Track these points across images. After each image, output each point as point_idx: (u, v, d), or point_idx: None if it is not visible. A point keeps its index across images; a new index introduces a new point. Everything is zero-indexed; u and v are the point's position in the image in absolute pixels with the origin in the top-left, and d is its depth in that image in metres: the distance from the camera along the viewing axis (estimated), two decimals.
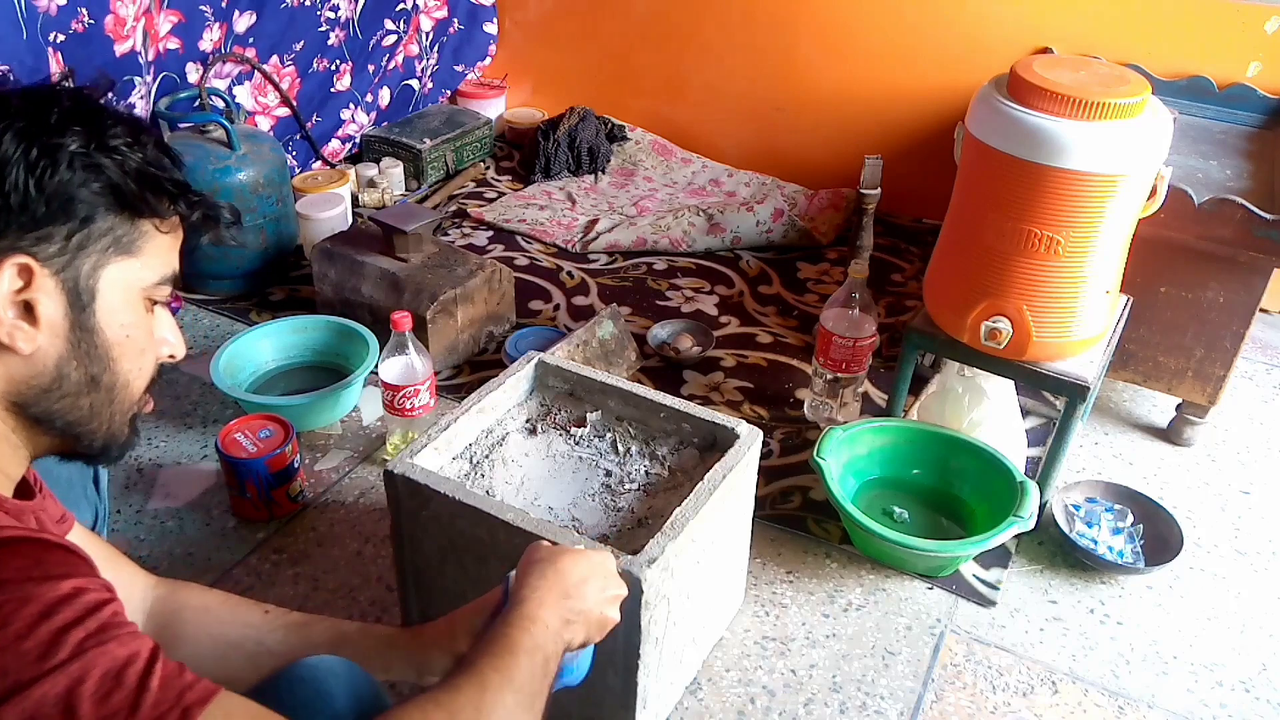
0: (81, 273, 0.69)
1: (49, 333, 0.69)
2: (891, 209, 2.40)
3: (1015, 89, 1.29)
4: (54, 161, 0.66)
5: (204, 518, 1.52)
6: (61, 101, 0.68)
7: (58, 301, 0.68)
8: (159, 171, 0.71)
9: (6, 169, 0.64)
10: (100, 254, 0.69)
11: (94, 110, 0.70)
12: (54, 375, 0.70)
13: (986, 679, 1.31)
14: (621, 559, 1.04)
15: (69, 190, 0.67)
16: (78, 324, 0.70)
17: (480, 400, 1.30)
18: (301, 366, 1.82)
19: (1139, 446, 1.76)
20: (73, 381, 0.71)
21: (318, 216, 2.16)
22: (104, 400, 0.74)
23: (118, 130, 0.69)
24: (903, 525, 1.48)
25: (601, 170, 2.67)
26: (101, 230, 0.69)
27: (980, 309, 1.38)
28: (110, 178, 0.68)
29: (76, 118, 0.68)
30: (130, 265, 0.71)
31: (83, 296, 0.69)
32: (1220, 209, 1.50)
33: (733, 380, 1.87)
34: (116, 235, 0.70)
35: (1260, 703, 1.30)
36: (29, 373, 0.69)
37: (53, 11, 1.69)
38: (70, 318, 0.69)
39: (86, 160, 0.67)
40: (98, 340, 0.71)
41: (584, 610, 0.86)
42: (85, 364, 0.71)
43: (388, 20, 2.56)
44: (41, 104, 0.67)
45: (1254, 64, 2.00)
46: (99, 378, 0.73)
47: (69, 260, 0.68)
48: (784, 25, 2.48)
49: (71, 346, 0.70)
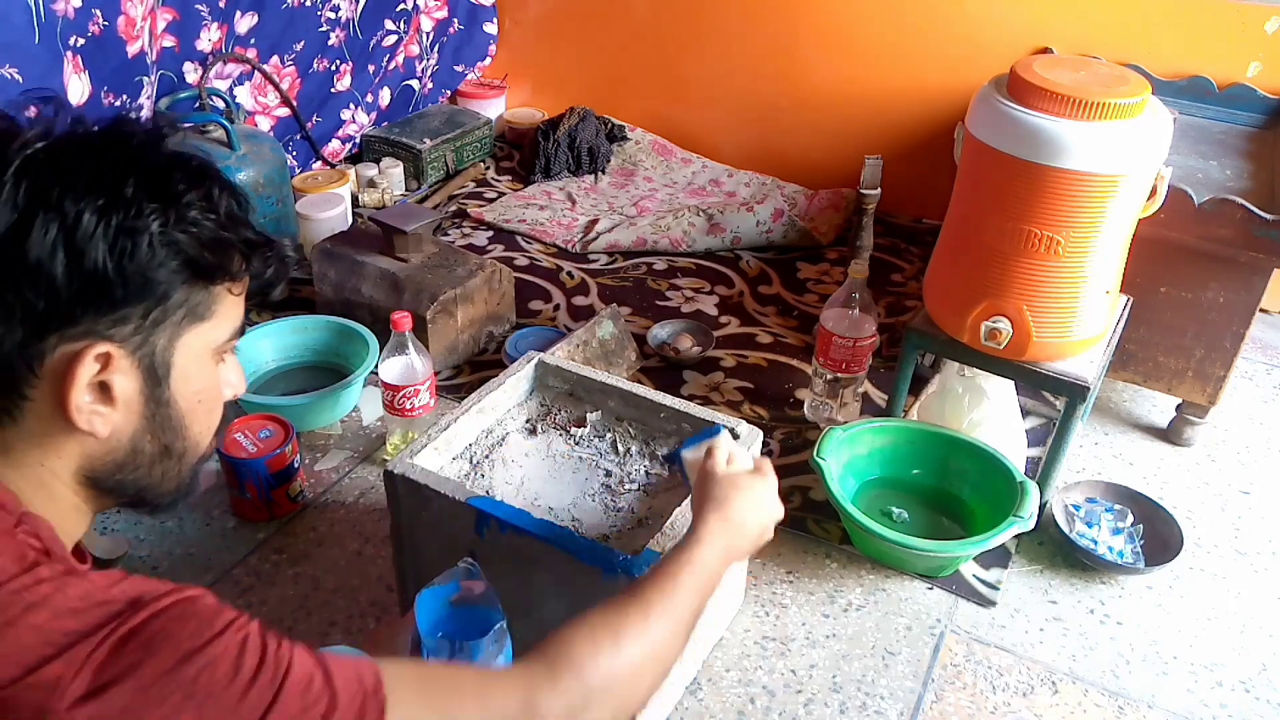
0: (157, 348, 0.67)
1: (124, 411, 0.67)
2: (891, 209, 2.40)
3: (1015, 89, 1.29)
4: (134, 243, 0.62)
5: (204, 518, 1.52)
6: (133, 164, 0.64)
7: (134, 380, 0.67)
8: (233, 235, 0.68)
9: (86, 253, 0.61)
10: (175, 326, 0.67)
11: (166, 171, 0.66)
12: (129, 450, 0.69)
13: (986, 679, 1.31)
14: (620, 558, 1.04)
15: (148, 271, 0.64)
16: (153, 398, 0.69)
17: (480, 400, 1.30)
18: (301, 366, 1.82)
19: (1139, 446, 1.76)
20: (147, 455, 0.71)
21: (318, 216, 2.16)
22: (175, 465, 0.73)
23: (191, 197, 0.65)
24: (902, 525, 1.48)
25: (601, 170, 2.67)
26: (177, 303, 0.67)
27: (980, 309, 1.38)
28: (188, 254, 0.65)
29: (151, 187, 0.64)
30: (203, 330, 0.70)
31: (158, 371, 0.68)
32: (1220, 209, 1.50)
33: (733, 380, 1.87)
34: (191, 305, 0.68)
35: (1260, 703, 1.30)
36: (104, 450, 0.68)
37: (70, 15, 1.69)
38: (145, 393, 0.68)
39: (166, 239, 0.64)
40: (171, 412, 0.70)
41: (744, 547, 0.98)
42: (160, 436, 0.71)
43: (388, 20, 2.56)
44: (111, 169, 0.63)
45: (1254, 64, 2.00)
46: (172, 446, 0.72)
47: (144, 338, 0.66)
48: (784, 25, 2.48)
49: (146, 420, 0.69)
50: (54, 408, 0.64)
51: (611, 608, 0.81)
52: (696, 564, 0.89)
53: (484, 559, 1.14)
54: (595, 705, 0.74)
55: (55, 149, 0.63)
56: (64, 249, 0.60)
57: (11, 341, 0.61)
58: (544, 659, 0.75)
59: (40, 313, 0.61)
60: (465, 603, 0.99)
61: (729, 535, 0.94)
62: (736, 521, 0.96)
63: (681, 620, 0.85)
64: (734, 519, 0.96)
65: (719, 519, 0.95)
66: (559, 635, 0.77)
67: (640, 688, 0.80)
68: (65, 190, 0.61)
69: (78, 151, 0.63)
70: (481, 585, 1.00)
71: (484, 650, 0.95)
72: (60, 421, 0.65)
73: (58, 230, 0.60)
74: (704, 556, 0.90)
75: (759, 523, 0.99)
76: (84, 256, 0.61)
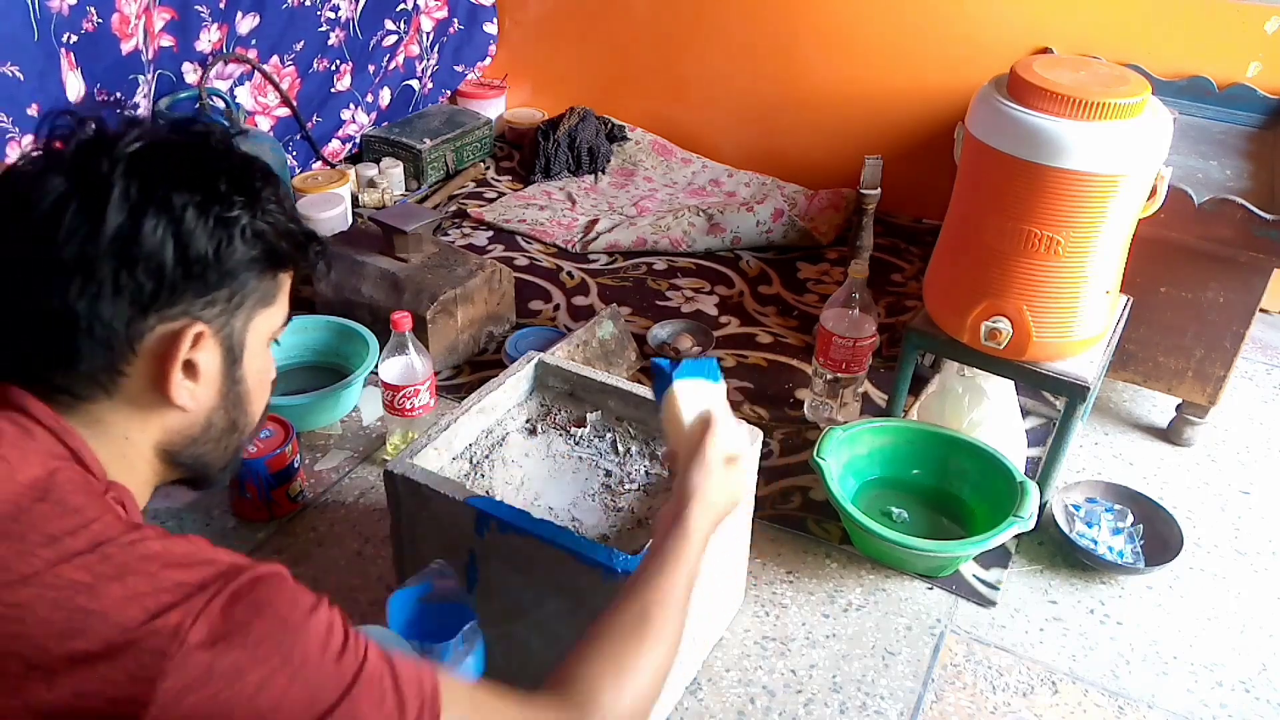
0: (235, 329, 0.74)
1: (206, 387, 0.74)
2: (891, 209, 2.40)
3: (1015, 89, 1.29)
4: (229, 234, 0.70)
5: (204, 518, 1.52)
6: (221, 164, 0.72)
7: (216, 358, 0.74)
8: (298, 227, 0.77)
9: (192, 243, 0.68)
10: (250, 310, 0.75)
11: (245, 170, 0.73)
12: (204, 425, 0.77)
13: (986, 679, 1.31)
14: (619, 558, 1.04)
15: (238, 258, 0.71)
16: (230, 376, 0.76)
17: (480, 400, 1.30)
18: (301, 366, 1.82)
19: (1139, 446, 1.76)
20: (218, 429, 0.78)
21: (318, 216, 2.16)
22: (236, 439, 0.81)
23: (268, 193, 0.73)
24: (902, 525, 1.48)
25: (601, 170, 2.67)
26: (253, 289, 0.74)
27: (980, 309, 1.38)
28: (269, 243, 0.73)
29: (238, 185, 0.71)
30: (269, 314, 0.78)
31: (235, 350, 0.75)
32: (1220, 209, 1.50)
33: (733, 380, 1.87)
34: (263, 291, 0.76)
35: (1260, 703, 1.30)
36: (184, 424, 0.75)
37: (65, 12, 1.69)
38: (224, 371, 0.75)
39: (254, 229, 0.72)
40: (242, 389, 0.78)
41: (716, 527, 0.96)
42: (230, 411, 0.78)
43: (388, 20, 2.56)
44: (205, 168, 0.71)
45: (1254, 64, 2.00)
46: (238, 421, 0.80)
47: (227, 319, 0.73)
48: (784, 25, 2.48)
49: (221, 397, 0.77)
50: (147, 383, 0.71)
51: (619, 627, 0.83)
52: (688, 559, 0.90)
53: (484, 559, 1.15)
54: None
55: (153, 149, 0.69)
56: (173, 238, 0.68)
57: (120, 320, 0.68)
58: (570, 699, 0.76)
59: (148, 294, 0.68)
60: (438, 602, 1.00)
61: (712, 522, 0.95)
62: (722, 512, 0.97)
63: (681, 624, 0.87)
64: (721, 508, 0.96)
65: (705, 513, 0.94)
66: (580, 670, 0.79)
67: (654, 702, 0.82)
68: (170, 186, 0.68)
69: (173, 152, 0.71)
70: (453, 584, 1.00)
71: (453, 652, 0.96)
72: (151, 395, 0.72)
73: (168, 222, 0.67)
74: (693, 552, 0.91)
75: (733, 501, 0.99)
76: (190, 245, 0.68)
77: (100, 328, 0.67)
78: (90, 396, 0.70)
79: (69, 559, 0.60)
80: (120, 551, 0.61)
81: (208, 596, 0.60)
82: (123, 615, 0.58)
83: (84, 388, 0.70)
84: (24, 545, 0.60)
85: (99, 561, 0.60)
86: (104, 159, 0.67)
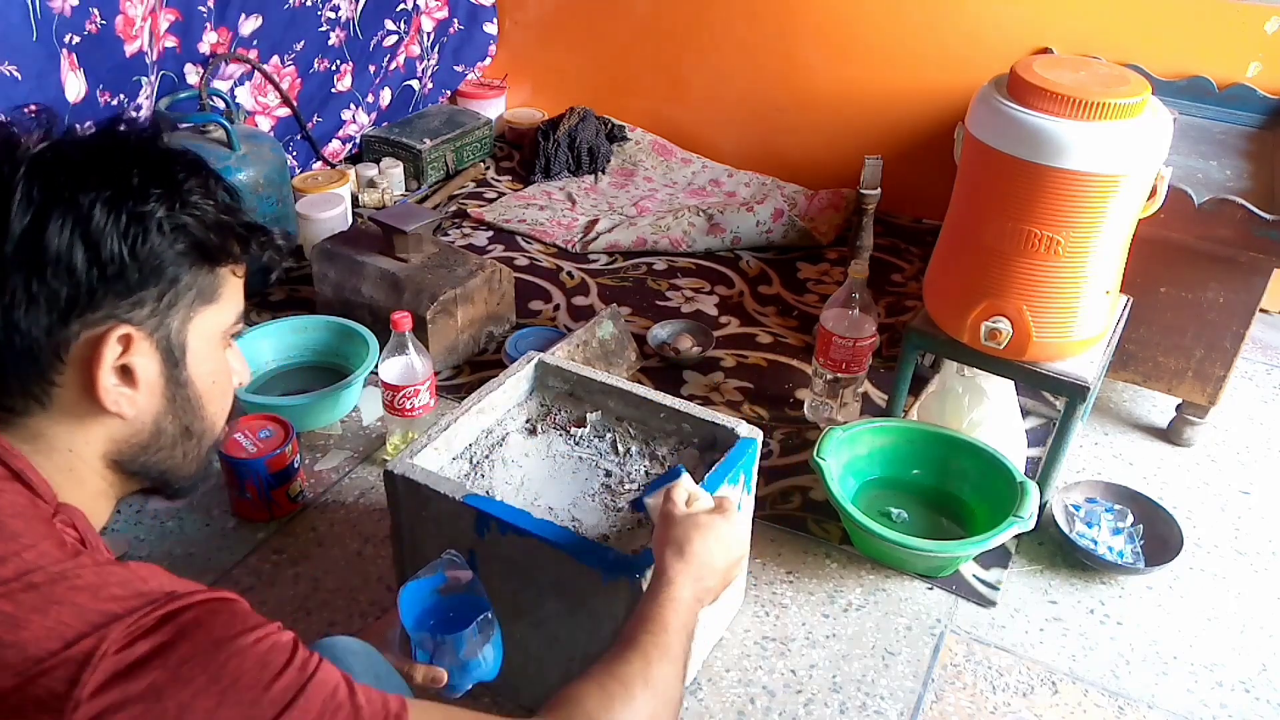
0: (172, 330, 0.71)
1: (146, 393, 0.71)
2: (891, 209, 2.40)
3: (1015, 89, 1.29)
4: (144, 229, 0.66)
5: (204, 518, 1.52)
6: (135, 158, 0.68)
7: (153, 361, 0.70)
8: (233, 219, 0.72)
9: (102, 242, 0.65)
10: (187, 308, 0.71)
11: (165, 163, 0.70)
12: (152, 431, 0.73)
13: (986, 679, 1.31)
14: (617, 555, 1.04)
15: (159, 254, 0.67)
16: (172, 379, 0.72)
17: (480, 400, 1.30)
18: (301, 366, 1.82)
19: (1139, 446, 1.76)
20: (169, 435, 0.74)
21: (318, 216, 2.16)
22: (195, 446, 0.77)
23: (191, 184, 0.69)
24: (902, 525, 1.48)
25: (601, 170, 2.67)
26: (187, 285, 0.70)
27: (980, 309, 1.38)
28: (195, 236, 0.69)
29: (154, 177, 0.68)
30: (212, 312, 0.73)
31: (175, 353, 0.71)
32: (1220, 209, 1.50)
33: (733, 380, 1.87)
34: (200, 287, 0.71)
35: (1260, 703, 1.30)
36: (129, 432, 0.72)
37: (67, 13, 1.69)
38: (165, 375, 0.71)
39: (173, 223, 0.68)
40: (190, 392, 0.74)
41: (713, 586, 0.96)
42: (180, 417, 0.74)
43: (388, 21, 2.56)
44: (115, 163, 0.67)
45: (1254, 64, 2.00)
46: (192, 427, 0.75)
47: (160, 320, 0.69)
48: (784, 25, 2.48)
49: (167, 402, 0.73)
50: (81, 392, 0.68)
51: (612, 661, 0.82)
52: (676, 602, 0.89)
53: (484, 559, 1.14)
54: None
55: (59, 149, 0.66)
56: (81, 239, 0.64)
57: (39, 329, 0.65)
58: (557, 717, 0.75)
59: (64, 300, 0.64)
60: (452, 592, 1.00)
61: (693, 575, 0.93)
62: (699, 561, 0.94)
63: (678, 659, 0.85)
64: (696, 559, 0.94)
65: (679, 561, 0.93)
66: (570, 693, 0.77)
67: None
68: (75, 185, 0.64)
69: (80, 150, 0.67)
70: (468, 574, 1.00)
71: (467, 642, 0.95)
72: (87, 404, 0.68)
73: (73, 222, 0.64)
74: (679, 595, 0.90)
75: (724, 558, 0.97)
76: (100, 244, 0.65)
77: (20, 339, 0.64)
78: (26, 410, 0.68)
79: None
80: (49, 582, 0.58)
81: (130, 624, 0.57)
82: (38, 647, 0.55)
83: (17, 402, 0.67)
84: None
85: (23, 591, 0.58)
86: (4, 164, 0.64)
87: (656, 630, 0.86)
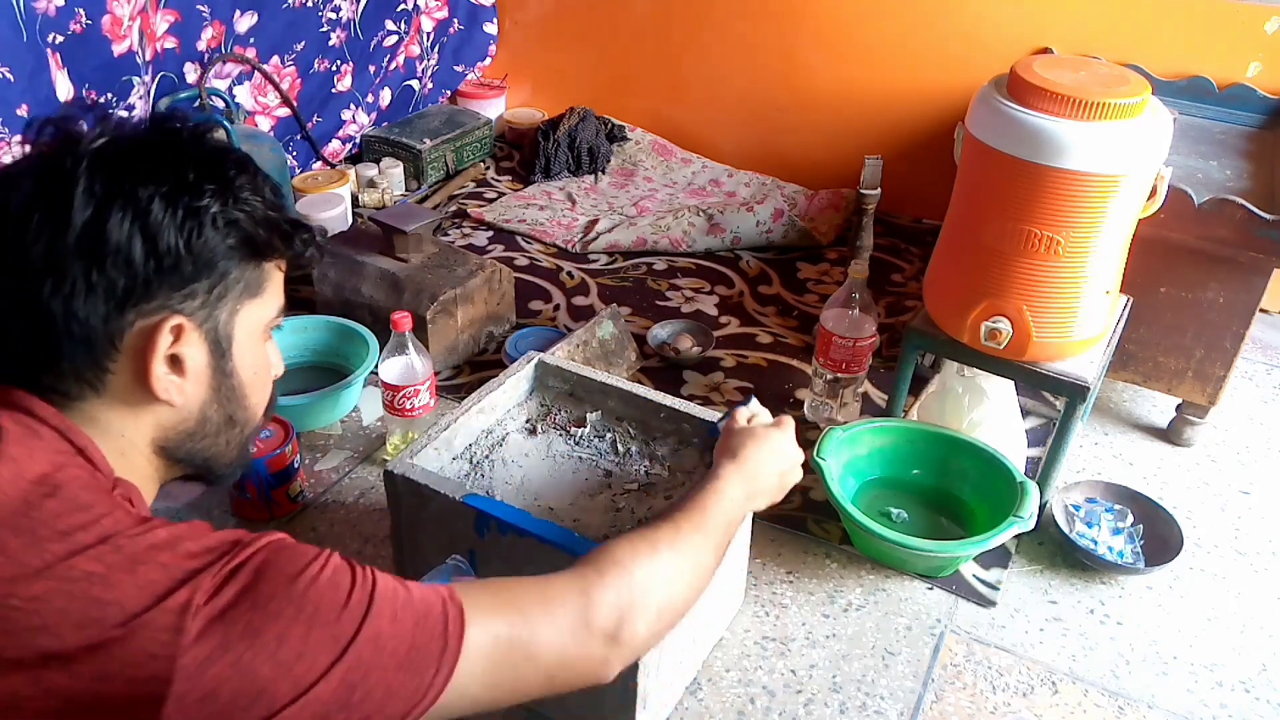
0: (220, 322, 0.74)
1: (194, 382, 0.74)
2: (891, 209, 2.40)
3: (1015, 89, 1.29)
4: (199, 223, 0.70)
5: (204, 518, 1.50)
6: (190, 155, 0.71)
7: (202, 352, 0.74)
8: (279, 215, 0.76)
9: (160, 235, 0.68)
10: (234, 301, 0.75)
11: (218, 160, 0.73)
12: (198, 419, 0.77)
13: (986, 679, 1.31)
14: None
15: (212, 248, 0.71)
16: (219, 370, 0.76)
17: (480, 400, 1.30)
18: (301, 366, 1.82)
19: (1139, 446, 1.76)
20: (214, 424, 0.78)
21: (318, 216, 2.16)
22: (237, 435, 0.81)
23: (242, 180, 0.73)
24: (902, 525, 1.48)
25: (601, 170, 2.67)
26: (235, 279, 0.74)
27: (980, 309, 1.38)
28: (245, 231, 0.73)
29: (208, 174, 0.71)
30: (257, 305, 0.77)
31: (222, 344, 0.75)
32: (1220, 209, 1.50)
33: (733, 380, 1.87)
34: (247, 281, 0.75)
35: (1260, 703, 1.30)
36: (176, 419, 0.76)
37: (51, 12, 1.69)
38: (212, 365, 0.75)
39: (226, 218, 0.71)
40: (234, 383, 0.78)
41: (764, 487, 1.05)
42: (225, 406, 0.78)
43: (389, 21, 2.56)
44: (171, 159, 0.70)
45: (1254, 64, 2.00)
46: (235, 416, 0.79)
47: (209, 312, 0.73)
48: (784, 25, 2.48)
49: (213, 391, 0.76)
50: (133, 379, 0.71)
51: (646, 528, 0.89)
52: (719, 494, 0.97)
53: (484, 559, 1.15)
54: (639, 601, 0.81)
55: (118, 145, 0.70)
56: (140, 231, 0.67)
57: (97, 318, 0.68)
58: (590, 563, 0.82)
59: (121, 290, 0.68)
60: None
61: (744, 478, 1.01)
62: (751, 466, 1.03)
63: (711, 535, 0.92)
64: (748, 461, 1.03)
65: (731, 463, 1.02)
66: (600, 548, 0.84)
67: (677, 592, 0.86)
68: (135, 180, 0.68)
69: (138, 145, 0.70)
70: (471, 580, 1.00)
71: None
72: (139, 391, 0.72)
73: (133, 215, 0.67)
74: (723, 488, 0.98)
75: (777, 467, 1.06)
76: (158, 237, 0.68)
77: (78, 327, 0.68)
78: (81, 395, 0.71)
79: (81, 552, 0.61)
80: (130, 543, 0.63)
81: (212, 573, 0.62)
82: (135, 602, 0.60)
83: (73, 387, 0.71)
84: (36, 540, 0.61)
85: (110, 553, 0.62)
86: (67, 158, 0.67)
87: (693, 510, 0.93)
